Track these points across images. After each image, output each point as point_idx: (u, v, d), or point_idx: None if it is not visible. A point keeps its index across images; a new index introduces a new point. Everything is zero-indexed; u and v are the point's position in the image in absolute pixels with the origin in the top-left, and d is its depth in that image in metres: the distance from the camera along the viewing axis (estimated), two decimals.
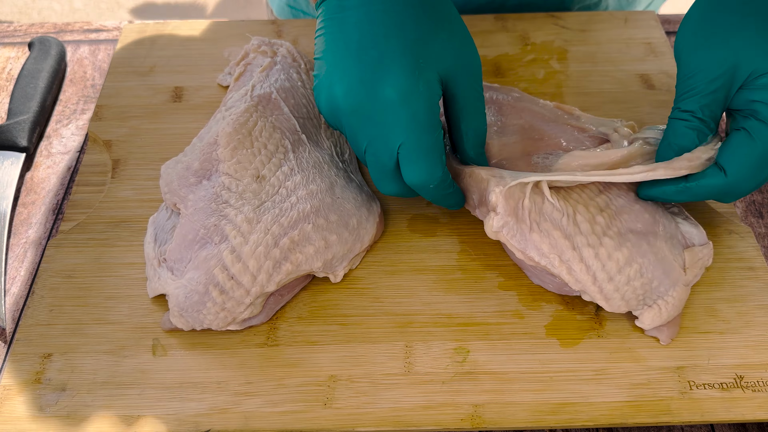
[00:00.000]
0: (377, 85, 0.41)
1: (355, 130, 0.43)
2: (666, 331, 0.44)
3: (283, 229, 0.44)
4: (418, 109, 0.41)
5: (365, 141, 0.43)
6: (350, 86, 0.42)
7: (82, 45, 0.66)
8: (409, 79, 0.41)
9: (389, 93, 0.41)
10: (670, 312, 0.43)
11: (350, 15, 0.43)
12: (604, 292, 0.43)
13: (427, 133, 0.42)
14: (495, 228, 0.43)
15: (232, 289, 0.43)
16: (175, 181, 0.48)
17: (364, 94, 0.42)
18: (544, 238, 0.43)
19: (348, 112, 0.43)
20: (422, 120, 0.42)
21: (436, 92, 0.42)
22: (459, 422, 0.41)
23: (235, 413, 0.42)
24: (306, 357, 0.44)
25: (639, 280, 0.43)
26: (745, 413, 0.41)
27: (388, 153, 0.42)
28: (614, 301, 0.43)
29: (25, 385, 0.43)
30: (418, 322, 0.45)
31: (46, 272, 0.48)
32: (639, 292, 0.43)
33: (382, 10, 0.43)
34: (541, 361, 0.44)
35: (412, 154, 0.42)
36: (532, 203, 0.43)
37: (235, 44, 0.63)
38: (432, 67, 0.42)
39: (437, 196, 0.45)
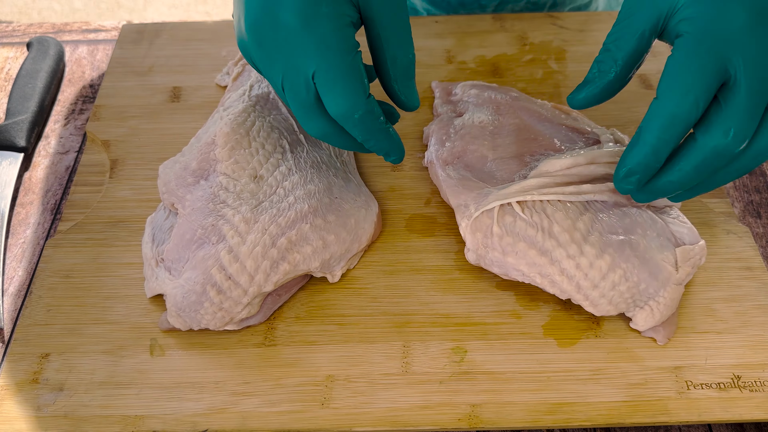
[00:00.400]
0: (277, 11, 0.39)
1: (267, 65, 0.40)
2: (662, 331, 0.44)
3: (281, 229, 0.44)
4: (324, 32, 0.38)
5: (279, 75, 0.40)
6: (254, 18, 0.39)
7: (81, 45, 0.66)
8: (309, 0, 0.38)
9: (289, 17, 0.38)
10: (662, 312, 0.43)
11: None
12: (590, 299, 0.43)
13: (339, 55, 0.39)
14: (472, 262, 0.46)
15: (229, 289, 0.43)
16: (172, 181, 0.48)
17: (267, 24, 0.39)
18: (521, 259, 0.43)
19: (256, 45, 0.40)
20: (331, 42, 0.38)
21: (345, 12, 0.39)
22: (456, 422, 0.41)
23: (233, 413, 0.42)
24: (303, 357, 0.44)
25: (624, 285, 0.43)
26: (743, 413, 0.41)
27: (303, 83, 0.39)
28: (602, 306, 0.43)
29: (22, 385, 0.43)
30: (415, 322, 0.45)
31: (44, 272, 0.48)
32: (626, 296, 0.43)
33: None
34: (538, 361, 0.44)
35: (328, 81, 0.39)
36: (501, 228, 0.44)
37: (233, 44, 0.63)
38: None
39: (365, 130, 0.41)
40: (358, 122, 0.40)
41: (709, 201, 0.52)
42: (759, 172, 0.56)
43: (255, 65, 0.42)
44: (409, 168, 0.54)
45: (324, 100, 0.40)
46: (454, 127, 0.52)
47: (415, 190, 0.53)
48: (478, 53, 0.63)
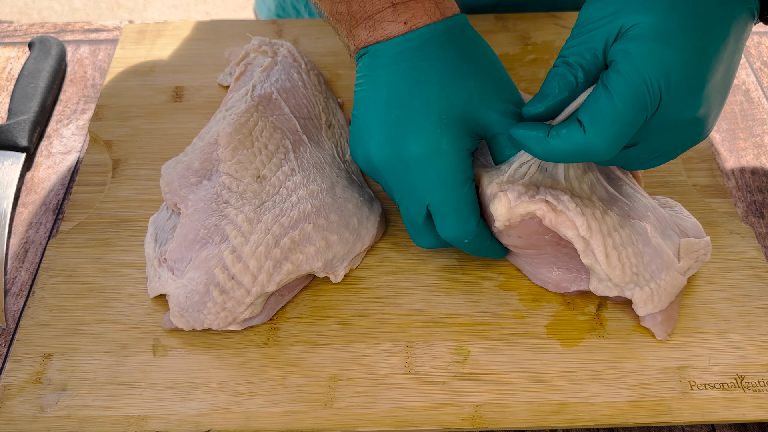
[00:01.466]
0: (401, 144, 0.42)
1: (389, 186, 0.44)
2: (661, 324, 0.44)
3: (284, 229, 0.44)
4: (443, 167, 0.42)
5: (397, 196, 0.44)
6: (379, 144, 0.43)
7: (83, 45, 0.66)
8: (430, 137, 0.42)
9: (413, 151, 0.42)
10: (662, 297, 0.43)
11: (381, 73, 0.44)
12: (607, 245, 0.42)
13: (454, 189, 0.42)
14: (513, 202, 0.42)
15: (232, 289, 0.43)
16: (175, 181, 0.48)
17: (390, 153, 0.43)
18: (556, 192, 0.42)
19: (380, 168, 0.44)
20: (447, 177, 0.42)
21: (463, 147, 0.42)
22: (460, 422, 0.41)
23: (236, 413, 0.42)
24: (307, 357, 0.44)
25: (631, 247, 0.43)
26: (746, 413, 0.41)
27: (416, 209, 0.43)
28: (612, 259, 0.42)
29: (25, 385, 0.43)
30: (419, 322, 0.45)
31: (47, 272, 0.48)
32: (633, 261, 0.42)
33: (409, 68, 0.43)
34: (542, 361, 0.44)
35: (441, 211, 0.43)
36: (538, 183, 0.43)
37: (235, 44, 0.63)
38: (457, 122, 0.42)
39: (475, 249, 0.45)
40: (467, 245, 0.44)
41: (712, 201, 0.52)
42: (762, 172, 0.56)
43: (378, 181, 0.46)
44: None
45: (437, 226, 0.43)
46: None
47: None
48: None
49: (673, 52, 0.37)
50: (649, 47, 0.38)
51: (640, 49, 0.38)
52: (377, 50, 0.44)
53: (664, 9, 0.38)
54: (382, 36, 0.44)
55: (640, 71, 0.37)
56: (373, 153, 0.44)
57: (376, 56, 0.44)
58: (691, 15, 0.38)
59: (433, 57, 0.43)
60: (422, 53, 0.43)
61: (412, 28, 0.43)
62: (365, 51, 0.45)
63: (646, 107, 0.38)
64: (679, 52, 0.37)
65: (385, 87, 0.43)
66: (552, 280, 0.46)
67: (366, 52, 0.45)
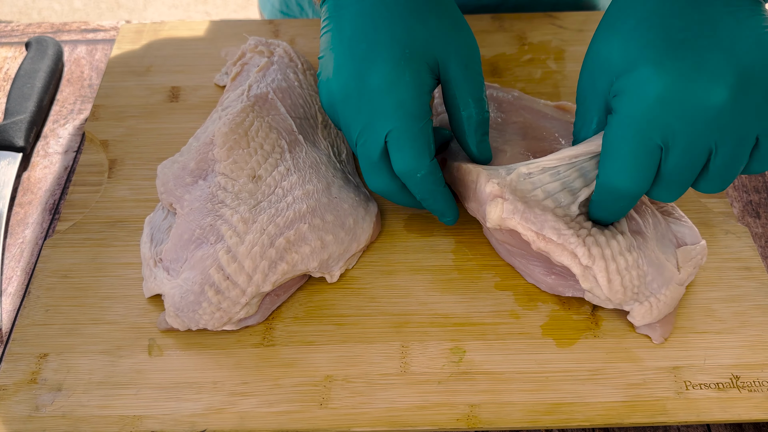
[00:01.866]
0: (366, 76, 0.43)
1: (348, 121, 0.45)
2: (659, 329, 0.44)
3: (279, 229, 0.44)
4: (404, 98, 0.43)
5: (356, 131, 0.44)
6: (343, 79, 0.44)
7: (80, 45, 0.66)
8: (394, 69, 0.43)
9: (376, 82, 0.43)
10: (661, 310, 0.43)
11: (345, 12, 0.45)
12: (610, 270, 0.42)
13: (413, 120, 0.43)
14: (505, 214, 0.43)
15: (227, 289, 0.43)
16: (171, 180, 0.48)
17: (353, 85, 0.43)
18: (559, 220, 0.42)
19: (341, 103, 0.44)
20: (408, 108, 0.43)
21: (424, 81, 0.43)
22: (455, 422, 0.41)
23: (231, 413, 0.42)
24: (302, 357, 0.44)
25: (636, 270, 0.42)
26: (742, 413, 0.41)
27: (376, 141, 0.44)
28: (615, 284, 0.42)
29: (20, 385, 0.43)
30: (414, 322, 0.45)
31: (43, 272, 0.48)
32: (635, 282, 0.42)
33: (373, 4, 0.44)
34: (537, 361, 0.44)
35: (399, 141, 0.43)
36: (538, 188, 0.43)
37: (232, 44, 0.63)
38: (419, 57, 0.43)
39: (425, 190, 0.45)
40: (419, 181, 0.44)
41: (708, 201, 0.52)
42: None
43: (336, 122, 0.46)
44: None
45: (392, 158, 0.44)
46: None
47: None
48: None
49: (655, 68, 0.39)
50: (640, 71, 0.40)
51: (635, 81, 0.40)
52: None
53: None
54: None
55: (638, 97, 0.40)
56: (338, 89, 0.44)
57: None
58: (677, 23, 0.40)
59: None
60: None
61: None
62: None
63: (654, 132, 0.39)
64: (664, 71, 0.39)
65: (350, 24, 0.44)
66: (547, 284, 0.46)
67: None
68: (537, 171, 0.43)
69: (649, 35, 0.39)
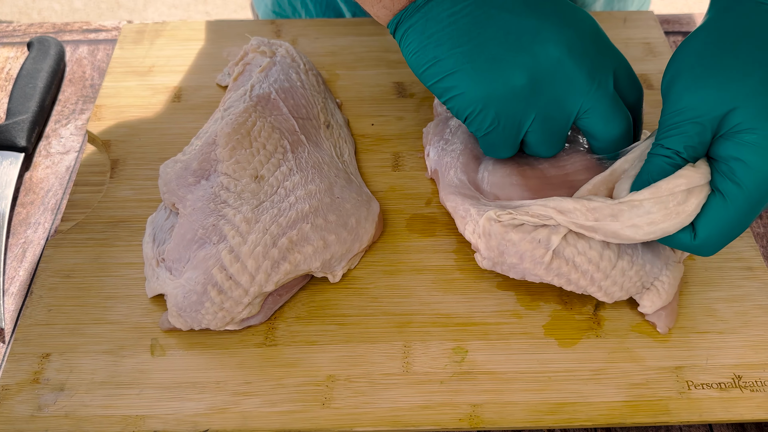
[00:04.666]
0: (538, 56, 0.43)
1: (520, 115, 0.44)
2: (664, 317, 0.44)
3: (282, 229, 0.44)
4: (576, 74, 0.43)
5: (538, 115, 0.44)
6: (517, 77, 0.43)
7: (81, 45, 0.66)
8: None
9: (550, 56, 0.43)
10: (667, 291, 0.44)
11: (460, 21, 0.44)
12: (604, 288, 0.43)
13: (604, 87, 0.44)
14: (486, 267, 0.45)
15: (230, 288, 0.43)
16: (173, 180, 0.48)
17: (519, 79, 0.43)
18: (538, 264, 0.43)
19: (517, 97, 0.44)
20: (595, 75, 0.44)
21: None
22: (457, 422, 0.41)
23: (234, 413, 0.42)
24: (304, 357, 0.44)
25: (633, 269, 0.43)
26: (744, 413, 0.41)
27: (565, 118, 0.44)
28: (614, 294, 0.43)
29: (23, 385, 0.43)
30: (416, 322, 0.45)
31: (45, 272, 0.48)
32: (635, 280, 0.43)
33: (482, 10, 0.44)
34: (539, 361, 0.44)
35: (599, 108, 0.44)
36: (517, 234, 0.43)
37: (234, 44, 0.63)
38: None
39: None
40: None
41: None
42: None
43: (493, 115, 0.44)
44: (410, 168, 0.54)
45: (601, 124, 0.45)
46: (450, 128, 0.52)
47: (415, 190, 0.53)
48: None
49: None
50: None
51: (761, 163, 0.37)
52: (431, 8, 0.44)
53: None
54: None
55: (762, 187, 0.38)
56: (505, 85, 0.43)
57: (431, 11, 0.44)
58: None
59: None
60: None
61: None
62: (413, 9, 0.44)
63: (755, 216, 0.39)
64: None
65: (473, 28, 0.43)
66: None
67: (416, 10, 0.44)
68: (507, 219, 0.43)
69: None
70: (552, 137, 0.45)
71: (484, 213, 0.44)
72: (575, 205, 0.42)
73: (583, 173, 0.46)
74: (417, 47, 0.44)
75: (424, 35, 0.44)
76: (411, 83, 0.60)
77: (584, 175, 0.46)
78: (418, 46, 0.44)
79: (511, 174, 0.47)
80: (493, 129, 0.45)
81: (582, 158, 0.47)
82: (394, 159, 0.55)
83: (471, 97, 0.43)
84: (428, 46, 0.44)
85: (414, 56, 0.45)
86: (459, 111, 0.45)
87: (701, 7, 1.92)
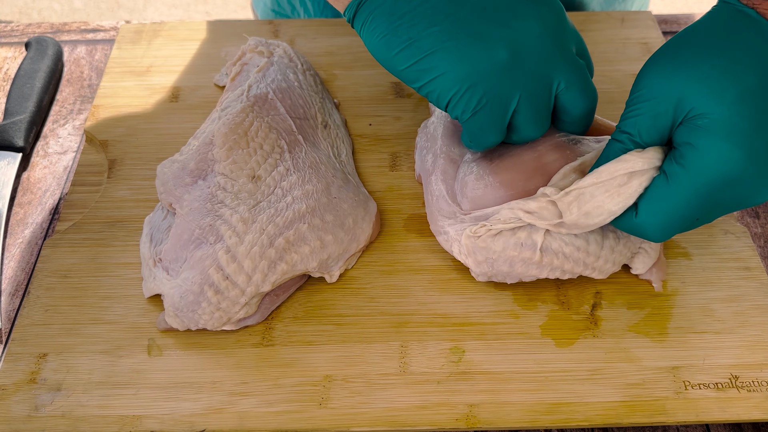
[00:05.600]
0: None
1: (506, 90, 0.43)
2: (656, 273, 0.46)
3: (279, 229, 0.44)
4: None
5: (523, 93, 0.43)
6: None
7: (79, 45, 0.66)
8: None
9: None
10: (654, 249, 0.46)
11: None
12: (597, 268, 0.44)
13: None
14: (483, 280, 0.46)
15: (227, 289, 0.43)
16: (170, 180, 0.48)
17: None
18: (530, 266, 0.44)
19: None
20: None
21: None
22: (454, 422, 0.41)
23: (231, 413, 0.42)
24: (301, 357, 0.44)
25: (620, 243, 0.44)
26: (741, 413, 0.41)
27: (548, 95, 0.44)
28: (608, 270, 0.45)
29: (20, 385, 0.43)
30: (413, 322, 0.45)
31: (42, 272, 0.48)
32: (624, 251, 0.45)
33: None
34: (536, 361, 0.44)
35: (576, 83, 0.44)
36: (502, 243, 0.43)
37: (231, 44, 0.63)
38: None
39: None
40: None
41: None
42: None
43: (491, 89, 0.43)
44: (408, 168, 0.54)
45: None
46: (429, 131, 0.52)
47: (413, 190, 0.53)
48: None
49: (741, 151, 0.37)
50: (717, 145, 0.37)
51: (708, 146, 0.37)
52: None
53: (734, 101, 0.37)
54: None
55: (706, 170, 0.37)
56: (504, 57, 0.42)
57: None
58: (762, 107, 0.37)
59: None
60: None
61: None
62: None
63: (707, 204, 0.38)
64: (747, 151, 0.37)
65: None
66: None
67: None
68: (483, 231, 0.44)
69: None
70: (539, 114, 0.44)
71: (460, 232, 0.45)
72: (538, 204, 0.42)
73: (553, 153, 0.46)
74: (386, 30, 0.42)
75: (394, 16, 0.42)
76: None
77: (554, 155, 0.46)
78: (388, 29, 0.42)
79: (484, 175, 0.47)
80: (480, 108, 0.43)
81: (550, 138, 0.47)
82: (392, 159, 0.55)
83: (454, 76, 0.42)
84: (400, 27, 0.42)
85: (382, 39, 0.42)
86: (440, 95, 0.43)
87: (701, 7, 1.92)
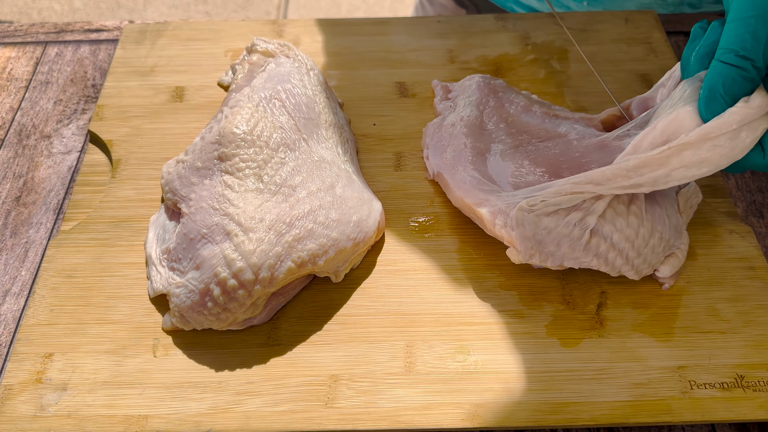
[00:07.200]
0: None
1: None
2: (676, 274, 0.47)
3: (285, 228, 0.44)
4: None
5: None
6: None
7: (83, 45, 0.66)
8: None
9: None
10: (684, 254, 0.46)
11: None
12: (636, 267, 0.44)
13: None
14: (521, 260, 0.45)
15: (233, 289, 0.43)
16: (175, 180, 0.48)
17: None
18: (576, 246, 0.43)
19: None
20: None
21: None
22: (460, 422, 0.41)
23: (236, 413, 0.42)
24: (307, 357, 0.44)
25: (661, 246, 0.45)
26: (746, 413, 0.41)
27: None
28: (643, 271, 0.45)
29: (26, 385, 0.43)
30: (418, 321, 0.45)
31: (47, 272, 0.48)
32: (660, 255, 0.45)
33: None
34: (541, 360, 0.44)
35: None
36: (552, 221, 0.43)
37: (236, 44, 0.63)
38: None
39: None
40: None
41: (711, 201, 0.52)
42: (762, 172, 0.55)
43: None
44: (412, 168, 0.54)
45: None
46: (446, 128, 0.52)
47: (417, 189, 0.53)
48: (480, 53, 0.63)
49: None
50: None
51: None
52: None
53: None
54: None
55: None
56: None
57: None
58: None
59: None
60: None
61: None
62: None
63: None
64: None
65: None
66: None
67: None
68: (540, 206, 0.43)
69: None
70: None
71: (510, 204, 0.44)
72: (612, 171, 0.41)
73: (596, 153, 0.46)
74: None
75: None
76: (413, 83, 0.60)
77: (597, 155, 0.46)
78: None
79: (522, 165, 0.47)
80: None
81: (591, 140, 0.47)
82: (396, 159, 0.55)
83: None
84: None
85: None
86: None
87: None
